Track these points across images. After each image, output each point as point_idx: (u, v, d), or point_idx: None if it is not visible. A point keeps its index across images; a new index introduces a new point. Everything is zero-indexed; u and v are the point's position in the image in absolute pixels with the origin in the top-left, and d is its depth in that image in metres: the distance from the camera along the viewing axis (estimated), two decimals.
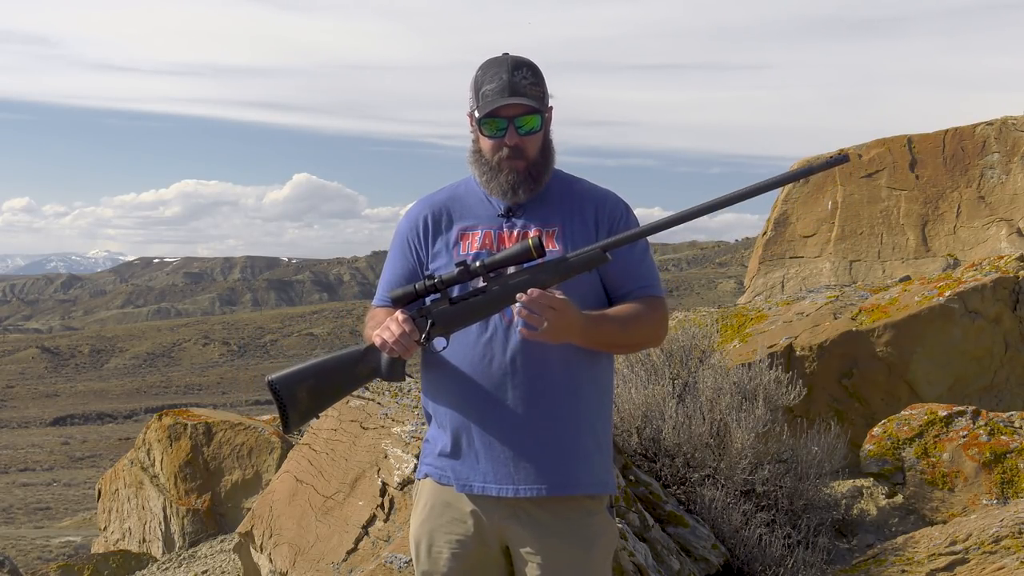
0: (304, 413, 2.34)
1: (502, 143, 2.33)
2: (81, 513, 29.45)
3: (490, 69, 2.35)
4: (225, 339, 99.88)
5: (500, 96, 2.30)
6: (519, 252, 2.20)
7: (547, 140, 2.39)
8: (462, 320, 2.27)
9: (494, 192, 2.38)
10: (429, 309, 2.28)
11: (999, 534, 3.84)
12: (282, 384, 2.30)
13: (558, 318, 2.15)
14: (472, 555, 2.37)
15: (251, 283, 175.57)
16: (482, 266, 2.22)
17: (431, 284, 2.26)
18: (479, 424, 2.33)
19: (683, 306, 9.03)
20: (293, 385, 2.30)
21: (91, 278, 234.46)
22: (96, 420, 64.38)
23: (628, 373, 4.99)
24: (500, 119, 2.32)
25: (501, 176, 2.35)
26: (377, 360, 2.33)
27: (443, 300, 2.28)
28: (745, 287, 12.12)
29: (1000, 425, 4.90)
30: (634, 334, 2.34)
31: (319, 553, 4.11)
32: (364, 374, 2.36)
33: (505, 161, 2.34)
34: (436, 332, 2.27)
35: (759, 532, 4.30)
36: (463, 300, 2.26)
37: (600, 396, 2.39)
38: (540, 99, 2.35)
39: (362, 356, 2.35)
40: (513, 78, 2.32)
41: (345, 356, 2.36)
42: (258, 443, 7.76)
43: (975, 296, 5.95)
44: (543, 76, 2.38)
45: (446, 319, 2.27)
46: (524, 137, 2.33)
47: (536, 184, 2.36)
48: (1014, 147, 10.53)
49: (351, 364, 2.35)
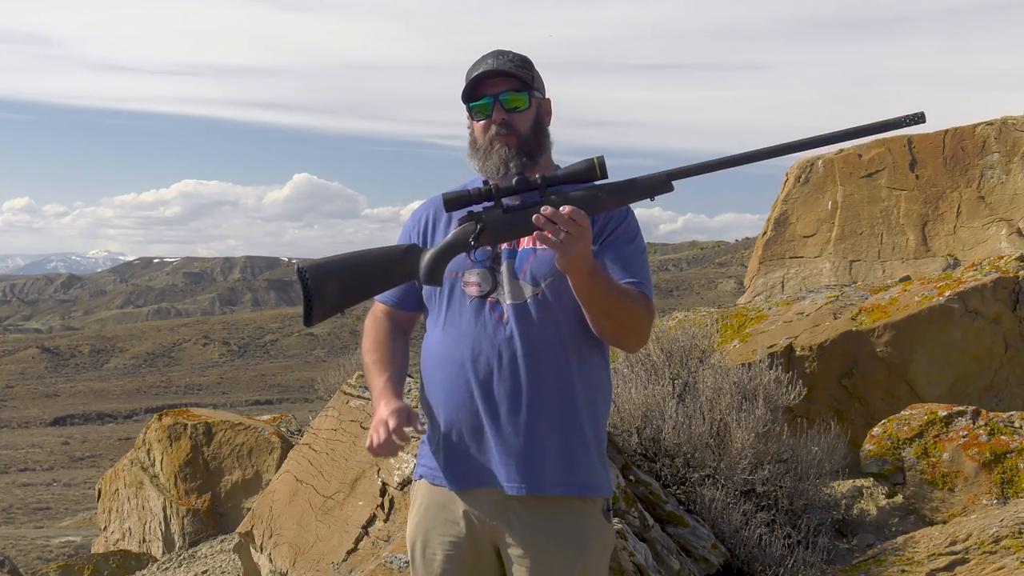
0: (330, 307, 2.24)
1: (490, 121, 2.34)
2: (81, 513, 29.45)
3: (479, 60, 2.39)
4: (225, 339, 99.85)
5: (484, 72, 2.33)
6: (583, 170, 2.17)
7: (540, 125, 2.38)
8: (512, 230, 2.19)
9: (489, 172, 2.36)
10: (480, 215, 2.21)
11: (999, 534, 3.84)
12: (313, 273, 2.20)
13: (577, 238, 2.09)
14: (465, 557, 2.36)
15: (251, 283, 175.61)
16: (542, 179, 2.18)
17: (486, 189, 2.19)
18: (467, 422, 2.32)
19: (683, 306, 9.03)
20: (324, 276, 2.21)
21: (91, 278, 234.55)
22: (96, 420, 64.37)
23: (628, 373, 4.99)
24: (486, 98, 2.33)
25: (493, 153, 2.34)
26: (416, 263, 2.25)
27: (496, 208, 2.20)
28: (745, 287, 12.12)
29: (1000, 425, 4.90)
30: (622, 312, 2.25)
31: (319, 553, 4.11)
32: (401, 275, 2.27)
33: (496, 138, 2.33)
34: (484, 239, 2.21)
35: (759, 532, 4.30)
36: (518, 209, 2.18)
37: (591, 397, 2.36)
38: (527, 81, 2.35)
39: (401, 256, 2.27)
40: (498, 60, 2.35)
41: (383, 253, 2.27)
42: (258, 443, 7.76)
43: (975, 296, 5.95)
44: (535, 68, 2.39)
45: (496, 226, 2.20)
46: (512, 113, 2.33)
47: (529, 160, 2.33)
48: (1014, 147, 10.53)
49: (389, 262, 2.26)
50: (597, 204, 2.19)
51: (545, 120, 2.41)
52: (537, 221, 2.09)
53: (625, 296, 2.25)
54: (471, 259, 2.27)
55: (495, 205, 2.20)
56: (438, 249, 2.25)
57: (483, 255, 2.26)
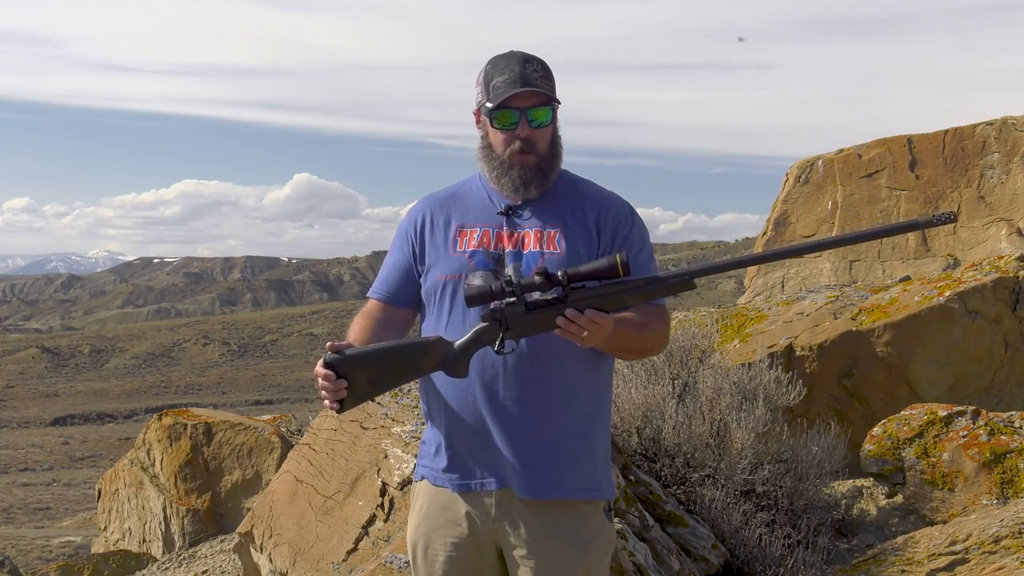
0: (359, 397, 2.27)
1: (514, 135, 2.32)
2: (81, 513, 29.43)
3: (500, 62, 2.35)
4: (225, 339, 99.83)
5: (513, 86, 2.29)
6: (605, 268, 2.18)
7: (556, 136, 2.38)
8: (536, 328, 2.22)
9: (504, 188, 2.36)
10: (503, 312, 2.22)
11: (999, 534, 3.84)
12: (342, 367, 2.22)
13: (597, 332, 2.16)
14: (467, 557, 2.36)
15: (251, 283, 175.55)
16: (564, 276, 2.18)
17: (509, 287, 2.20)
18: (470, 425, 2.31)
19: (683, 306, 9.03)
20: (353, 369, 2.23)
21: (91, 278, 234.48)
22: (96, 420, 64.34)
23: (628, 373, 4.99)
24: (513, 110, 2.31)
25: (512, 172, 2.33)
26: (443, 354, 2.27)
27: (519, 304, 2.22)
28: (745, 287, 12.11)
29: (1000, 425, 4.90)
30: (647, 341, 2.34)
31: (319, 553, 4.11)
32: (427, 367, 2.30)
33: (516, 155, 2.32)
34: (509, 336, 2.23)
35: (759, 532, 4.30)
36: (541, 308, 2.21)
37: (595, 401, 2.37)
38: (551, 92, 2.34)
39: (428, 348, 2.29)
40: (524, 70, 2.31)
41: (410, 346, 2.30)
42: (258, 443, 7.76)
43: (975, 296, 5.95)
44: (552, 72, 2.37)
45: (520, 324, 2.22)
46: (536, 130, 2.32)
47: (546, 180, 2.35)
48: (1014, 147, 10.53)
49: (416, 355, 2.28)
50: (619, 303, 2.21)
51: (559, 128, 2.40)
52: (561, 323, 2.15)
53: (644, 328, 2.29)
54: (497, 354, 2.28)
55: (517, 302, 2.22)
56: (463, 344, 2.26)
57: (508, 348, 2.27)
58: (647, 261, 2.37)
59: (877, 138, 11.53)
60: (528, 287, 2.20)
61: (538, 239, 2.33)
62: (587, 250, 2.33)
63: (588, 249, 2.33)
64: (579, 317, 2.13)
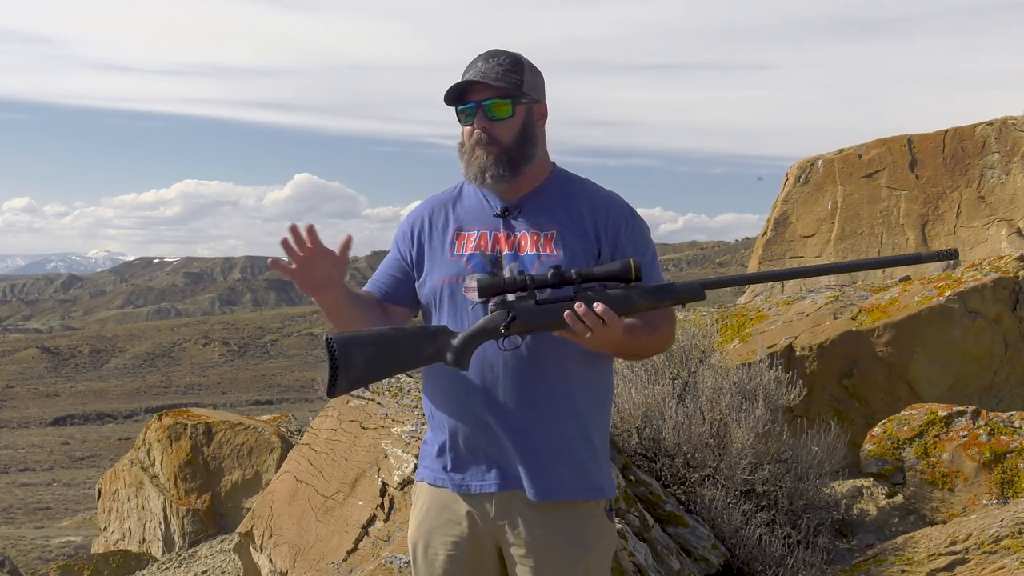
0: (354, 380, 2.22)
1: (473, 128, 2.33)
2: (81, 513, 29.42)
3: (471, 62, 2.36)
4: (225, 339, 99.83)
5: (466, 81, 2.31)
6: (618, 271, 2.18)
7: (528, 132, 2.35)
8: (544, 322, 2.20)
9: (469, 178, 2.37)
10: (512, 304, 2.22)
11: (999, 534, 3.84)
12: (341, 344, 2.19)
13: (604, 333, 2.16)
14: (468, 557, 2.36)
15: (251, 283, 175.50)
16: (578, 275, 2.19)
17: (520, 280, 2.20)
18: (471, 426, 2.31)
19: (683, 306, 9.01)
20: (352, 348, 2.19)
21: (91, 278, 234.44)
22: (96, 420, 64.32)
23: (628, 373, 4.99)
24: (469, 104, 2.32)
25: (473, 160, 2.34)
26: (446, 344, 2.25)
27: (529, 298, 2.21)
28: (745, 287, 12.12)
29: (1000, 425, 4.90)
30: (655, 346, 2.37)
31: (319, 553, 4.11)
32: (428, 355, 2.26)
33: (478, 146, 2.32)
34: (515, 328, 2.21)
35: (759, 532, 4.30)
36: (551, 303, 2.20)
37: (596, 402, 2.37)
38: (514, 87, 2.31)
39: (431, 336, 2.26)
40: (486, 64, 2.32)
41: (413, 332, 2.27)
42: (258, 443, 7.76)
43: (975, 296, 5.96)
44: (528, 69, 2.35)
45: (529, 317, 2.20)
46: (494, 123, 2.31)
47: (509, 172, 2.32)
48: (1014, 147, 10.53)
49: (418, 342, 2.25)
50: (630, 305, 2.21)
51: (535, 127, 2.37)
52: (568, 317, 2.14)
53: (651, 333, 2.31)
54: (501, 347, 2.27)
55: (528, 295, 2.22)
56: (468, 333, 2.24)
57: (512, 344, 2.26)
58: (651, 262, 2.37)
59: (877, 138, 11.53)
60: (540, 283, 2.20)
61: (535, 241, 2.33)
62: (585, 252, 2.32)
63: (586, 251, 2.32)
64: (588, 313, 2.13)
